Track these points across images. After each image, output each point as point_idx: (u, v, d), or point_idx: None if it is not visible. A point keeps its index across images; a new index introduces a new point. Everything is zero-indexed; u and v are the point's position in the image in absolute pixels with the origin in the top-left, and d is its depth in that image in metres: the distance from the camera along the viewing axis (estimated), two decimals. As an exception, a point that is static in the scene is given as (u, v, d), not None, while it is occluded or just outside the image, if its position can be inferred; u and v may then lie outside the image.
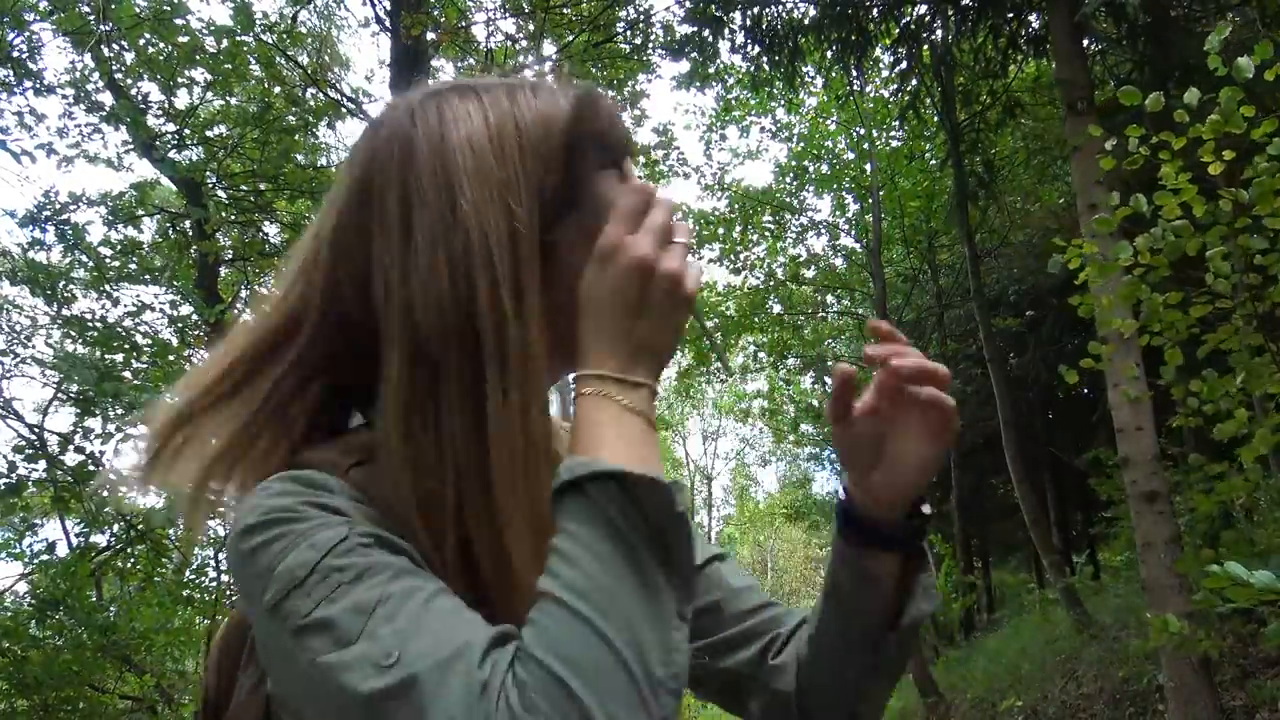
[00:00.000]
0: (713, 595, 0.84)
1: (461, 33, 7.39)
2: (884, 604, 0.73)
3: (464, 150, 0.65)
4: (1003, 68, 8.07)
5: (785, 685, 0.79)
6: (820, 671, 0.77)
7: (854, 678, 0.76)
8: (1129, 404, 4.83)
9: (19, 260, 6.66)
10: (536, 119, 0.68)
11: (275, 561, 0.56)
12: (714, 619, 0.83)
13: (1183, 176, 3.23)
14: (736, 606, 0.84)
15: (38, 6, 5.58)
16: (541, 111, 0.68)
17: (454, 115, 0.68)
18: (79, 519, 5.94)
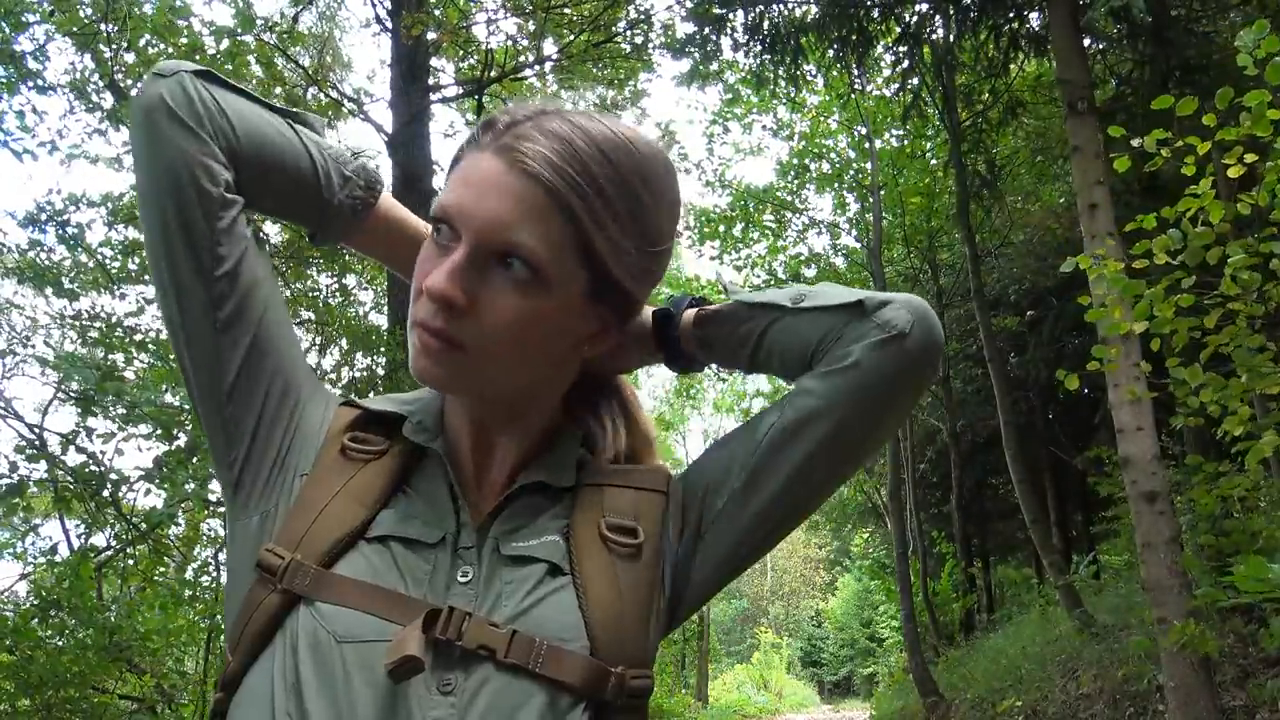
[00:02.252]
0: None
1: (462, 33, 7.39)
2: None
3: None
4: (1004, 67, 8.08)
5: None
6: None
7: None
8: (1129, 404, 4.83)
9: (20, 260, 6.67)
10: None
11: None
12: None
13: (1204, 182, 3.22)
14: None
15: (39, 8, 5.59)
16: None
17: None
18: (80, 519, 5.95)
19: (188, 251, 0.78)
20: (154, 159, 0.78)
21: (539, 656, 0.72)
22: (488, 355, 0.76)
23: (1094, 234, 5.21)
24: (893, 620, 18.15)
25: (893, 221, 13.80)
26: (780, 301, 0.84)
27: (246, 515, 0.81)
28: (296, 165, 0.82)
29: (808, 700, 26.90)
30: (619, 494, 0.85)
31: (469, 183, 0.74)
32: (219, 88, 0.80)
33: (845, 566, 30.67)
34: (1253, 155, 3.20)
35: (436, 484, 0.82)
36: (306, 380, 0.85)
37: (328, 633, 0.71)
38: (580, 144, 0.74)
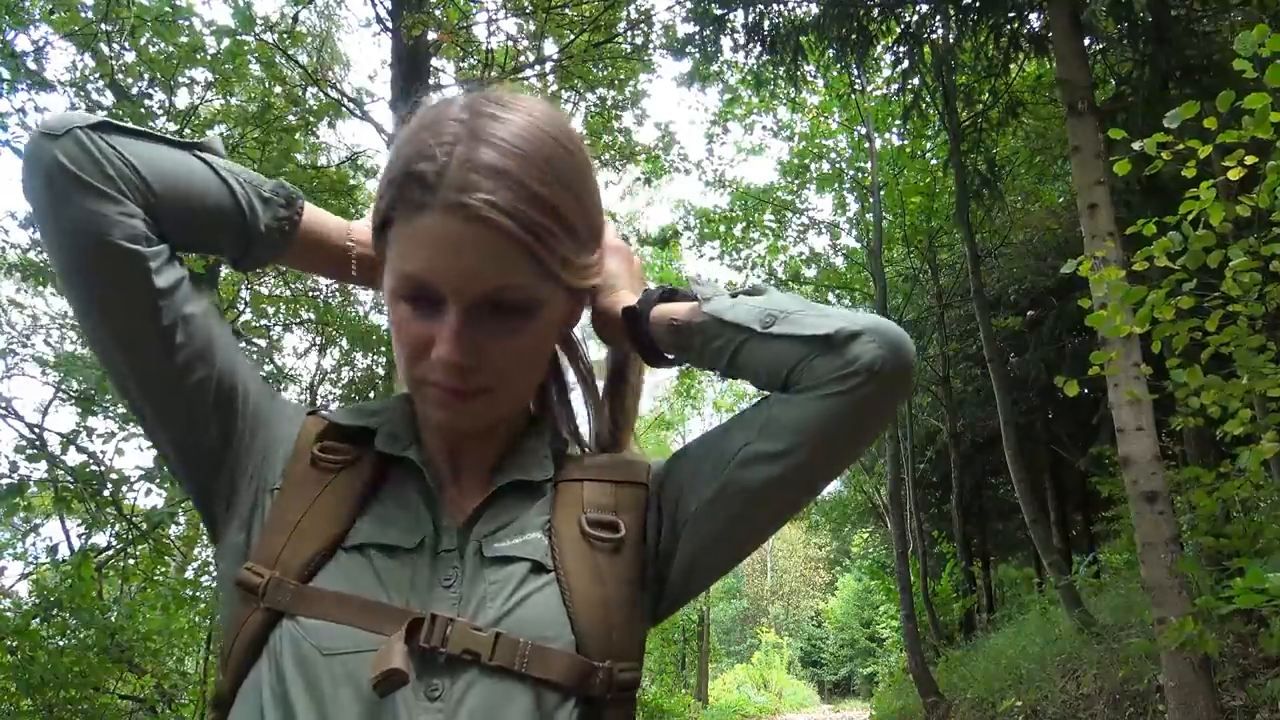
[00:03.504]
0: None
1: (462, 33, 7.40)
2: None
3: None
4: (1004, 67, 8.07)
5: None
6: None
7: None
8: (1129, 404, 4.83)
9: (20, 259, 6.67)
10: (407, 137, 0.76)
11: None
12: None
13: (1205, 184, 3.23)
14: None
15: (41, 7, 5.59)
16: (413, 133, 0.76)
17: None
18: (80, 519, 5.95)
19: (127, 320, 0.75)
20: (67, 232, 0.72)
21: (524, 657, 0.73)
22: (506, 390, 0.80)
23: (1094, 234, 5.20)
24: (893, 620, 18.14)
25: (893, 221, 13.80)
26: (750, 324, 0.80)
27: (230, 536, 0.81)
28: (217, 200, 0.78)
29: (808, 700, 26.91)
30: (599, 488, 0.86)
31: (432, 247, 0.72)
32: (117, 136, 0.74)
33: (845, 566, 30.66)
34: (1253, 157, 3.20)
35: (411, 489, 0.82)
36: (266, 394, 0.85)
37: (312, 646, 0.72)
38: (520, 170, 0.72)
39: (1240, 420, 3.57)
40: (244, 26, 5.72)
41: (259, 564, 0.76)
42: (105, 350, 0.77)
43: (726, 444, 0.84)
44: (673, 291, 0.89)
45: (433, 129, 0.74)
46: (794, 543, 37.86)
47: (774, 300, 0.83)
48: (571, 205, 0.76)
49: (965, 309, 12.62)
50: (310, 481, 0.81)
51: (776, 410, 0.80)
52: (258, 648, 0.74)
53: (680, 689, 19.66)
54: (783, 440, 0.79)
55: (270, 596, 0.74)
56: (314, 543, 0.76)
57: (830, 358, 0.76)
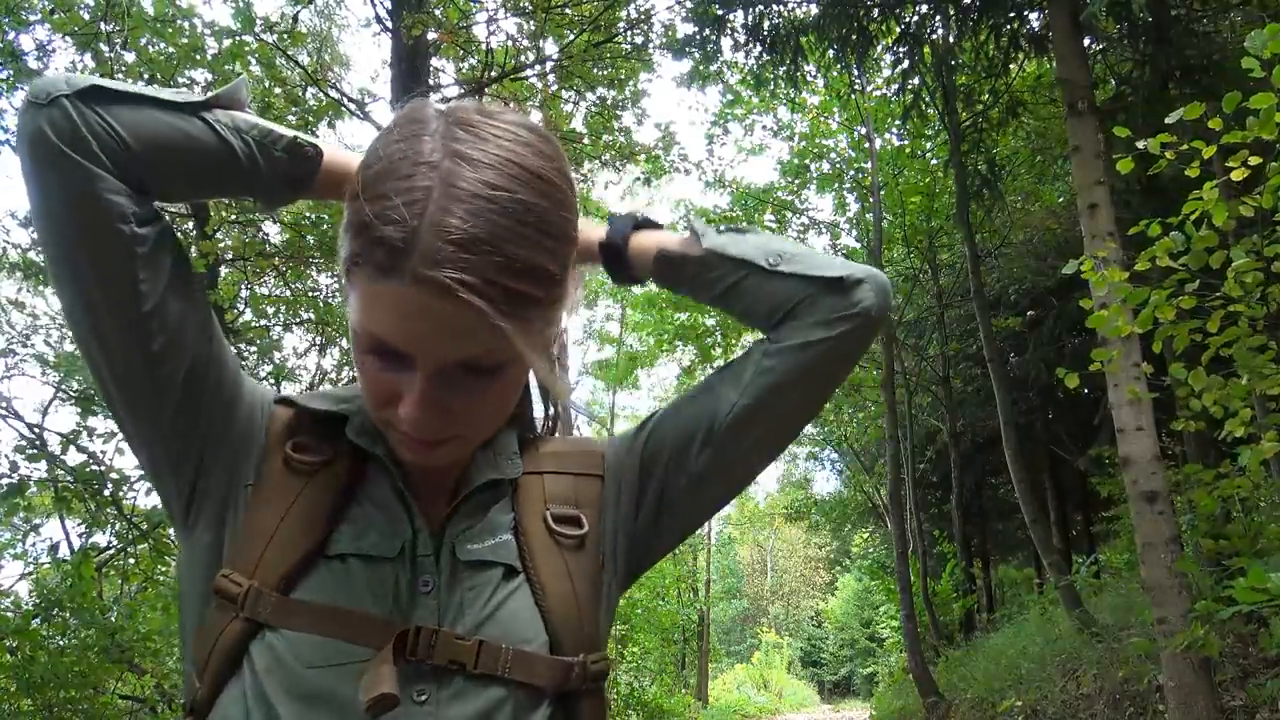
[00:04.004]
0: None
1: (462, 33, 7.39)
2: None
3: (366, 154, 0.74)
4: (1004, 67, 8.07)
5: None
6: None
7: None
8: (1130, 404, 4.83)
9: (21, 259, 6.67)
10: (377, 173, 0.69)
11: None
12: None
13: (1208, 185, 3.23)
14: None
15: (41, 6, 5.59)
16: (383, 172, 0.69)
17: (376, 138, 0.75)
18: (80, 519, 5.95)
19: (110, 298, 0.73)
20: (52, 208, 0.71)
21: (507, 663, 0.75)
22: (476, 434, 0.79)
23: (1094, 234, 5.20)
24: (893, 620, 18.14)
25: (893, 221, 13.80)
26: (756, 260, 0.85)
27: (199, 534, 0.79)
28: (216, 163, 0.76)
29: (808, 700, 26.90)
30: (558, 481, 0.89)
31: (399, 315, 0.67)
32: (105, 103, 0.71)
33: (845, 566, 30.67)
34: (1256, 158, 3.20)
35: (386, 490, 0.81)
36: (240, 383, 0.83)
37: (295, 660, 0.71)
38: (498, 235, 0.66)
39: (1241, 420, 3.57)
40: (244, 27, 5.72)
41: (237, 572, 0.75)
42: (80, 329, 0.75)
43: (715, 408, 0.88)
44: (645, 220, 0.91)
45: (402, 175, 0.67)
46: (794, 543, 37.86)
47: (771, 240, 0.88)
48: (551, 253, 0.70)
49: (965, 309, 12.62)
50: (286, 484, 0.79)
51: (767, 361, 0.86)
52: (237, 658, 0.73)
53: (680, 689, 19.65)
54: (774, 377, 0.85)
55: (250, 607, 0.73)
56: (294, 552, 0.75)
57: (836, 298, 0.84)
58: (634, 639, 15.40)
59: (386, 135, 0.72)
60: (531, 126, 0.74)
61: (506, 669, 0.75)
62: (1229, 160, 3.24)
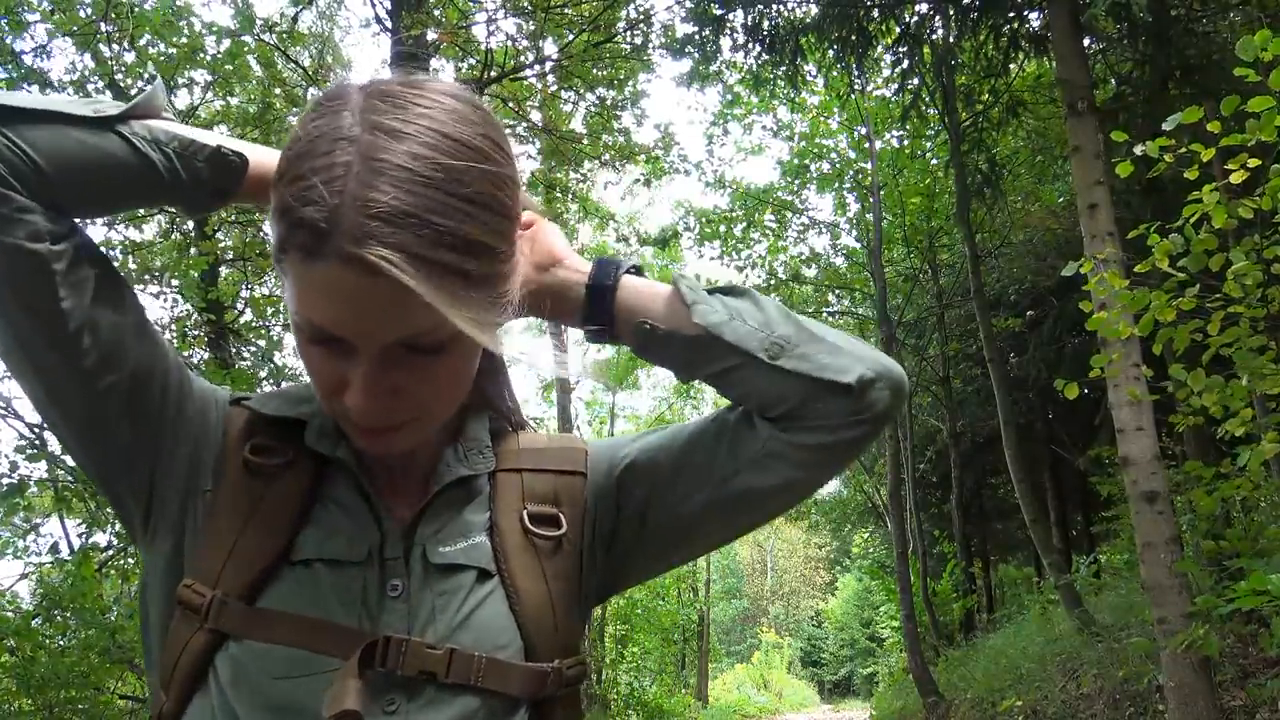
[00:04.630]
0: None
1: (462, 33, 7.40)
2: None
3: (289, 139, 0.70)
4: (1004, 67, 8.07)
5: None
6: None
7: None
8: (1130, 404, 4.83)
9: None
10: (296, 152, 0.67)
11: None
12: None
13: (1208, 188, 3.23)
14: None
15: (39, 7, 5.59)
16: (301, 152, 0.66)
17: (298, 120, 0.72)
18: (80, 519, 5.94)
19: (31, 322, 0.70)
20: None
21: (479, 671, 0.73)
22: (431, 416, 0.76)
23: (1094, 234, 5.20)
24: (893, 620, 18.15)
25: (893, 222, 13.80)
26: (754, 352, 0.76)
27: (159, 544, 0.77)
28: (133, 177, 0.72)
29: (808, 700, 26.91)
30: (537, 479, 0.85)
31: (331, 299, 0.65)
32: (12, 123, 0.68)
33: (845, 566, 30.67)
34: (1255, 160, 3.21)
35: (350, 492, 0.78)
36: (188, 384, 0.80)
37: (260, 671, 0.70)
38: (422, 206, 0.63)
39: (1242, 420, 3.58)
40: (244, 27, 5.72)
41: (199, 582, 0.72)
42: (12, 359, 0.72)
43: (710, 465, 0.82)
44: (633, 270, 0.82)
45: (320, 153, 0.64)
46: (794, 543, 37.85)
47: (771, 322, 0.78)
48: (484, 225, 0.66)
49: (965, 309, 12.62)
50: (245, 490, 0.76)
51: (773, 446, 0.79)
52: (203, 670, 0.71)
53: (680, 689, 19.66)
54: (781, 477, 0.80)
55: (214, 618, 0.71)
56: (257, 560, 0.73)
57: (845, 403, 0.76)
58: (634, 639, 15.41)
59: (306, 116, 0.69)
60: (459, 94, 0.70)
61: (479, 678, 0.72)
62: (1229, 163, 3.24)
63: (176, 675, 0.72)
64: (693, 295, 0.78)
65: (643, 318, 0.79)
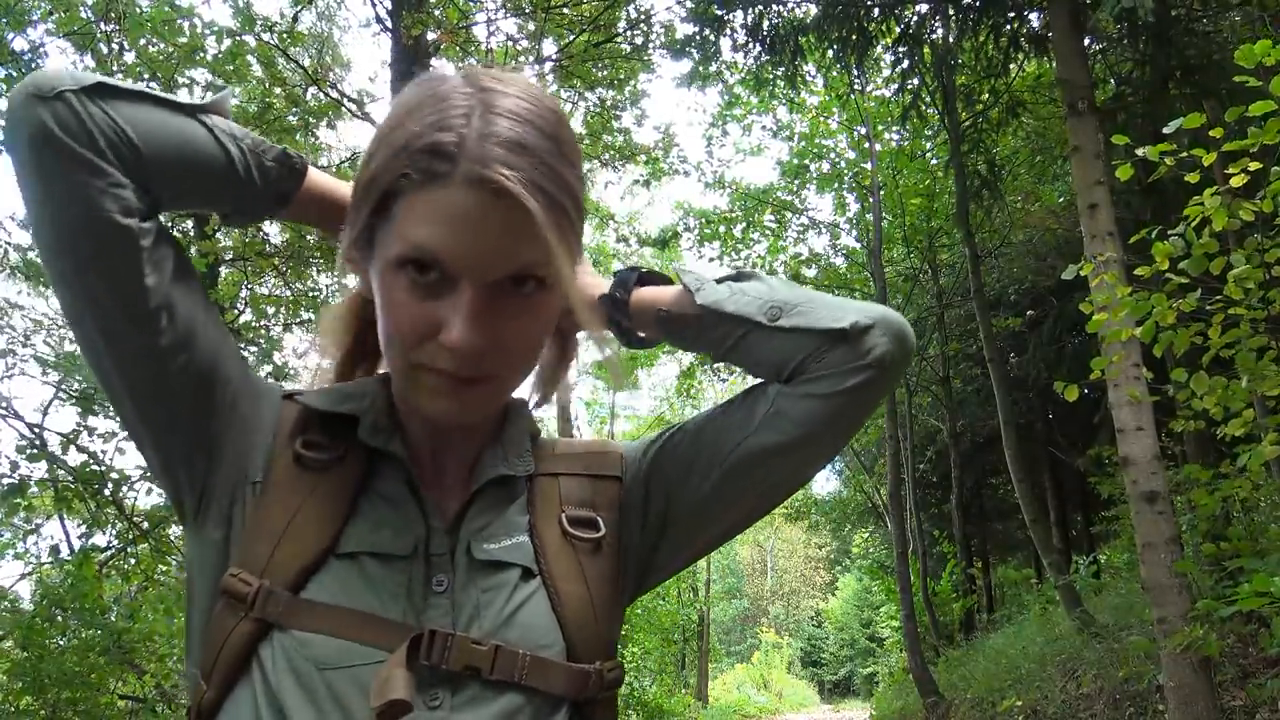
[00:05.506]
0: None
1: (462, 33, 7.40)
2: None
3: (384, 116, 0.75)
4: (1004, 67, 8.07)
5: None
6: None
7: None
8: (1130, 404, 4.83)
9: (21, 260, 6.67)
10: (408, 108, 0.71)
11: None
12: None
13: (1208, 191, 3.23)
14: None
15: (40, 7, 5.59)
16: (416, 104, 0.71)
17: (391, 103, 0.77)
18: (81, 519, 5.95)
19: (114, 296, 0.71)
20: (55, 203, 0.69)
21: (523, 669, 0.73)
22: (510, 377, 0.77)
23: (1094, 234, 5.20)
24: (893, 620, 18.15)
25: (893, 222, 13.80)
26: (755, 317, 0.81)
27: (207, 532, 0.77)
28: (214, 168, 0.75)
29: (808, 700, 26.91)
30: (575, 483, 0.87)
31: (450, 222, 0.67)
32: (111, 100, 0.70)
33: (845, 566, 30.67)
34: (1256, 164, 3.21)
35: (398, 486, 0.79)
36: (245, 378, 0.81)
37: (307, 660, 0.70)
38: (538, 145, 0.69)
39: (1243, 421, 3.58)
40: (244, 27, 5.72)
41: (246, 570, 0.73)
42: (85, 329, 0.73)
43: (723, 437, 0.84)
44: (648, 275, 0.89)
45: (440, 100, 0.69)
46: (794, 543, 37.85)
47: (774, 290, 0.83)
48: (577, 183, 0.73)
49: (965, 309, 12.62)
50: (296, 482, 0.77)
51: (781, 403, 0.81)
52: (247, 659, 0.71)
53: (680, 689, 19.65)
54: (788, 433, 0.81)
55: (260, 607, 0.71)
56: (305, 550, 0.73)
57: (844, 350, 0.78)
58: (634, 639, 15.39)
59: (410, 88, 0.74)
60: (542, 88, 0.76)
61: (523, 675, 0.73)
62: (1230, 166, 3.24)
63: (219, 664, 0.72)
64: (696, 283, 0.85)
65: (659, 307, 0.86)
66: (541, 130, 0.69)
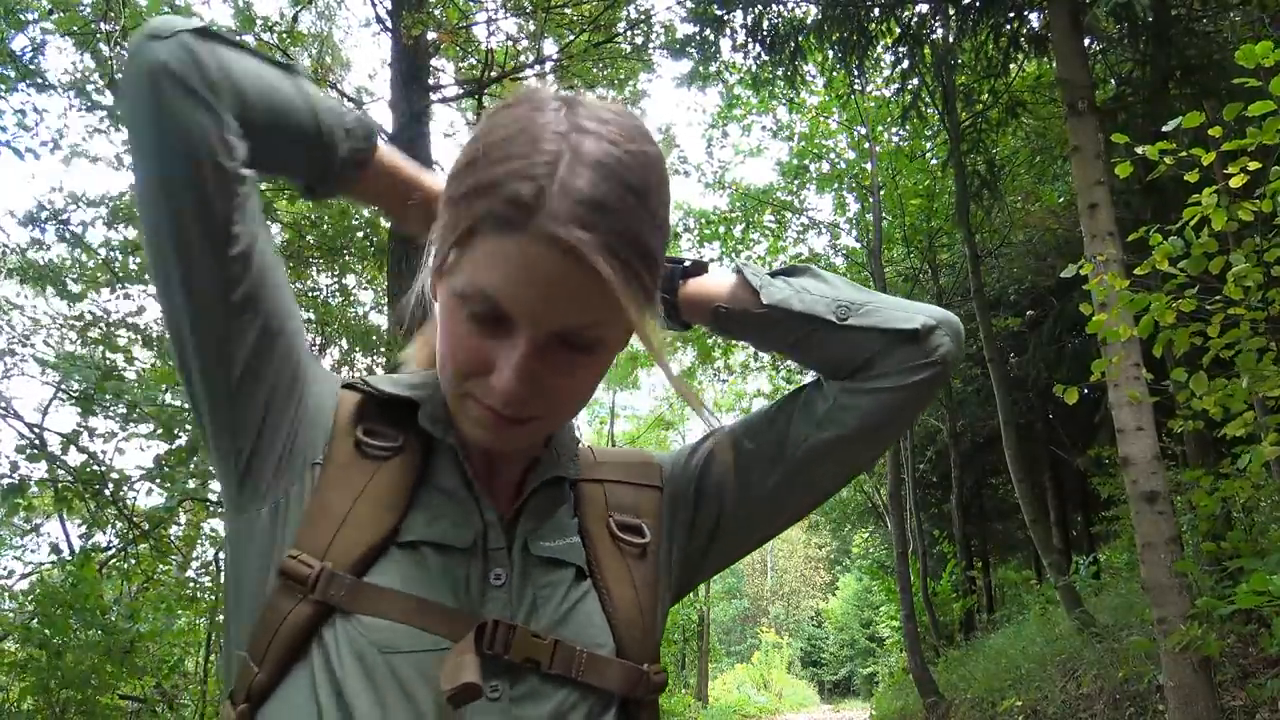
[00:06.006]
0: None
1: (462, 33, 7.39)
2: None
3: (460, 151, 0.74)
4: (1004, 67, 8.07)
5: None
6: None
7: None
8: (1130, 404, 4.83)
9: (20, 260, 6.67)
10: (500, 137, 0.69)
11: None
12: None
13: (1207, 191, 3.23)
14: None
15: (39, 6, 5.59)
16: (507, 137, 0.69)
17: (487, 115, 0.75)
18: (81, 519, 5.95)
19: (203, 236, 0.71)
20: (165, 138, 0.69)
21: (580, 665, 0.75)
22: (555, 419, 0.77)
23: (1094, 234, 5.20)
24: (893, 620, 18.15)
25: (892, 222, 13.80)
26: (824, 315, 0.83)
27: (255, 507, 0.77)
28: (302, 125, 0.77)
29: (808, 700, 26.90)
30: (620, 490, 0.89)
31: (516, 273, 0.66)
32: (223, 47, 0.72)
33: (845, 566, 30.67)
34: (1255, 163, 3.21)
35: (455, 480, 0.80)
36: (309, 358, 0.81)
37: (370, 644, 0.70)
38: (622, 204, 0.66)
39: (1243, 422, 3.58)
40: (244, 27, 5.72)
41: (306, 554, 0.72)
42: (166, 272, 0.73)
43: (785, 436, 0.87)
44: (695, 266, 0.89)
45: (530, 140, 0.67)
46: (794, 543, 37.84)
47: (837, 289, 0.86)
48: (660, 238, 0.71)
49: (965, 309, 12.61)
50: (357, 468, 0.77)
51: (844, 399, 0.85)
52: (305, 642, 0.71)
53: (680, 689, 19.65)
54: (852, 426, 0.84)
55: (323, 590, 0.71)
56: (367, 536, 0.74)
57: (912, 349, 0.83)
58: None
59: (505, 109, 0.73)
60: (639, 120, 0.74)
61: (580, 671, 0.74)
62: (1229, 166, 3.24)
63: (274, 646, 0.71)
64: (757, 280, 0.86)
65: (717, 303, 0.86)
66: (627, 184, 0.67)
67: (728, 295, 0.86)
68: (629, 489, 0.89)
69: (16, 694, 4.52)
